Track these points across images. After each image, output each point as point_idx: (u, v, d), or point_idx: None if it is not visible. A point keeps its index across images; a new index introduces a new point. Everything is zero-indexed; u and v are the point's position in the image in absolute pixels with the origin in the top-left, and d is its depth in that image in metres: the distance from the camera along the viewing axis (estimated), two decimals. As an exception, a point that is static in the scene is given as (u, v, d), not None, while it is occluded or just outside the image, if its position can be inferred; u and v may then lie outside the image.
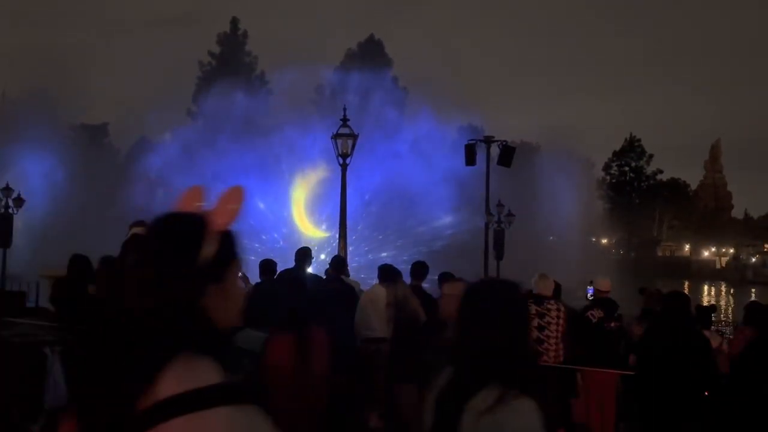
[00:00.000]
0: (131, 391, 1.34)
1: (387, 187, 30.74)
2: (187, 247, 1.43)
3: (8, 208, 24.30)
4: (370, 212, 30.64)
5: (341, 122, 16.76)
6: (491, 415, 2.06)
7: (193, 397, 1.32)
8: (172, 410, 1.31)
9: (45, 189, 30.35)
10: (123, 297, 1.43)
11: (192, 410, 1.31)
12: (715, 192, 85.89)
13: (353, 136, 16.55)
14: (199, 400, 1.32)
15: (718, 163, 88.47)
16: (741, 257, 78.53)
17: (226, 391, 1.36)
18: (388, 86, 39.74)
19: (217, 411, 1.32)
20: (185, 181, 30.36)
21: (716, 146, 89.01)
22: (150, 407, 1.32)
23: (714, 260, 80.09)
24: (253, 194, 30.30)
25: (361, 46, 54.57)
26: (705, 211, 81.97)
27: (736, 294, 51.73)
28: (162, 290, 1.39)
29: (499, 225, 25.91)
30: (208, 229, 1.45)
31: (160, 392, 1.33)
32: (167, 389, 1.33)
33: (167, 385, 1.33)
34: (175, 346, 1.37)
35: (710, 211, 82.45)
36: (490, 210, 24.67)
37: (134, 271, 1.44)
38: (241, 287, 1.54)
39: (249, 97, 34.60)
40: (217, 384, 1.36)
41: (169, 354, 1.36)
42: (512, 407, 2.06)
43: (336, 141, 16.56)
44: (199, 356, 1.38)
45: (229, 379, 1.39)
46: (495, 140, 22.98)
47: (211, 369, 1.38)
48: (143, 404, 1.33)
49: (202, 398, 1.33)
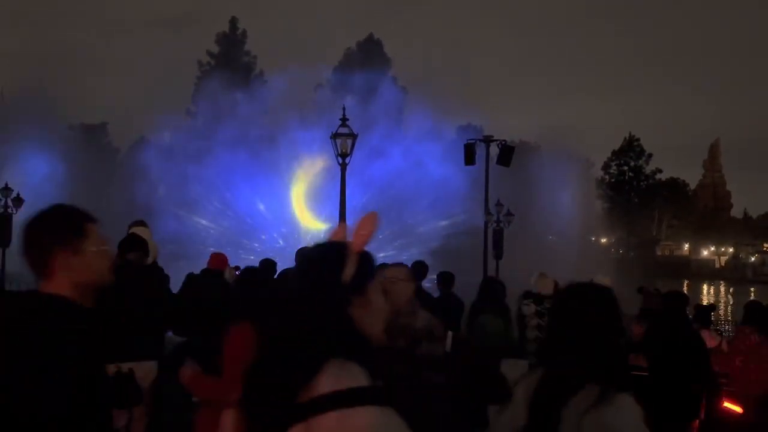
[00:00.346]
0: (293, 387, 1.62)
1: (386, 187, 30.73)
2: (332, 268, 1.73)
3: (7, 207, 24.30)
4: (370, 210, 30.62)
5: (340, 122, 16.77)
6: (595, 414, 2.11)
7: (344, 396, 1.59)
8: (326, 405, 1.58)
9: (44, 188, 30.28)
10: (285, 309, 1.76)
11: (343, 406, 1.58)
12: (715, 191, 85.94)
13: (352, 135, 16.56)
14: (349, 398, 1.59)
15: (718, 162, 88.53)
16: (740, 256, 78.59)
17: (372, 392, 1.62)
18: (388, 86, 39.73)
19: (365, 409, 1.59)
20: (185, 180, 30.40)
21: (715, 146, 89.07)
22: (308, 401, 1.60)
23: (713, 259, 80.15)
24: (252, 194, 30.33)
25: (361, 46, 54.55)
26: (704, 210, 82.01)
27: (736, 293, 51.76)
28: (316, 304, 1.69)
29: (498, 224, 25.89)
30: (348, 252, 1.75)
31: (317, 390, 1.60)
32: (323, 387, 1.60)
33: (323, 384, 1.61)
34: (329, 351, 1.65)
35: (709, 210, 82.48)
36: (490, 209, 24.66)
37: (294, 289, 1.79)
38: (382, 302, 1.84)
39: (248, 96, 34.56)
40: (365, 386, 1.62)
41: (325, 358, 1.64)
42: (616, 405, 2.12)
43: (335, 141, 16.57)
44: (349, 361, 1.65)
45: (374, 382, 1.65)
46: (494, 140, 22.98)
47: (360, 373, 1.64)
48: (302, 398, 1.61)
49: (353, 397, 1.59)
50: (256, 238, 28.70)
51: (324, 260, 1.78)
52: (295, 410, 1.60)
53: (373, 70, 39.58)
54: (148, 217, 8.99)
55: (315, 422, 1.58)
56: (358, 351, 1.68)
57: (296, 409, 1.60)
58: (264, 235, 29.48)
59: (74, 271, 2.05)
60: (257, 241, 28.50)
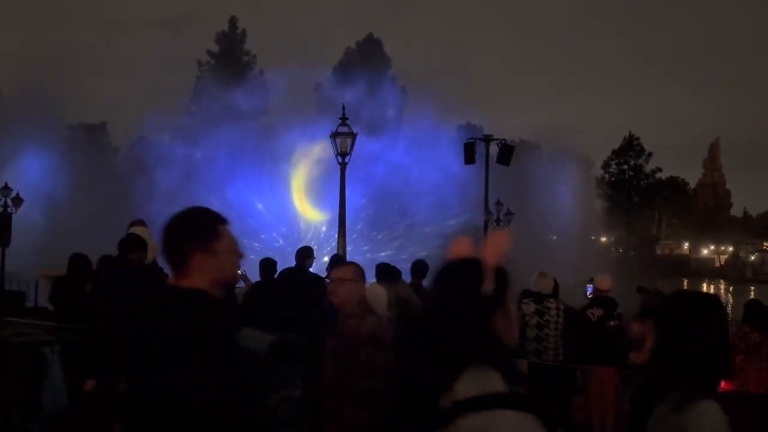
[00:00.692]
0: (435, 391, 1.74)
1: (386, 186, 30.74)
2: (475, 282, 1.83)
3: (7, 207, 24.29)
4: (369, 211, 30.64)
5: (340, 121, 16.75)
6: (678, 416, 2.18)
7: (484, 399, 1.68)
8: (467, 408, 1.67)
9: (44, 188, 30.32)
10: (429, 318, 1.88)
11: (483, 410, 1.67)
12: (714, 190, 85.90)
13: (352, 134, 16.54)
14: (489, 402, 1.68)
15: (717, 161, 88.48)
16: (740, 255, 78.56)
17: (512, 397, 1.71)
18: (387, 85, 39.72)
19: (504, 413, 1.67)
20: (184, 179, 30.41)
21: (715, 145, 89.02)
22: (449, 405, 1.70)
23: (713, 258, 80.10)
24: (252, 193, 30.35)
25: (360, 45, 54.50)
26: (704, 209, 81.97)
27: (735, 292, 51.76)
28: (458, 315, 1.80)
29: (498, 223, 25.90)
30: (484, 267, 1.85)
31: (458, 394, 1.70)
32: (464, 391, 1.70)
33: (463, 388, 1.71)
34: (469, 358, 1.75)
35: (709, 209, 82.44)
36: (489, 209, 24.66)
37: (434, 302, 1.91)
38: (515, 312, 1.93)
39: (247, 96, 34.55)
40: (504, 391, 1.71)
41: (465, 364, 1.74)
42: (700, 410, 2.17)
43: (335, 140, 16.56)
44: (488, 367, 1.74)
45: (513, 388, 1.73)
46: (494, 139, 22.96)
47: (498, 378, 1.73)
48: (444, 402, 1.71)
49: (492, 401, 1.68)
50: (255, 237, 28.69)
51: (466, 274, 1.87)
52: (439, 414, 1.71)
53: (373, 69, 39.55)
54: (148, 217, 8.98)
55: (457, 425, 1.68)
56: (497, 358, 1.79)
57: (440, 412, 1.71)
58: (264, 234, 29.49)
59: (208, 270, 2.23)
60: (257, 240, 28.49)
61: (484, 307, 1.81)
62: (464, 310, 1.81)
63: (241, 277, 9.28)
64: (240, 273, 9.24)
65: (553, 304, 7.28)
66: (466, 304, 1.81)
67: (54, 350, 5.25)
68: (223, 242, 2.28)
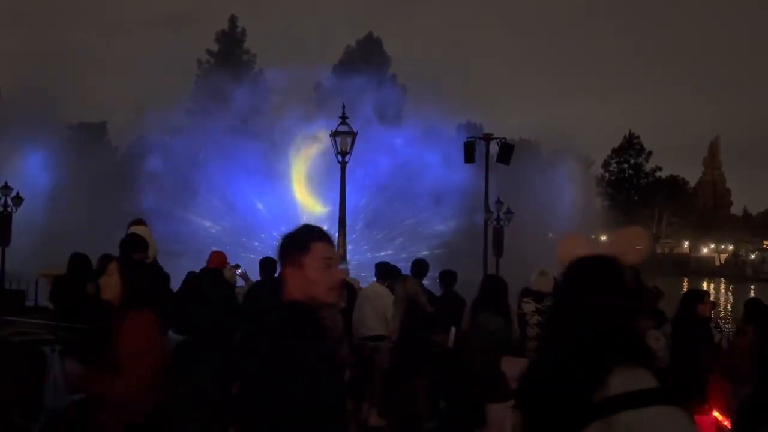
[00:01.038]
0: (588, 388, 1.80)
1: (386, 185, 30.72)
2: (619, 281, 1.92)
3: (7, 206, 24.29)
4: (369, 210, 30.64)
5: (340, 120, 16.75)
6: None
7: (638, 396, 1.76)
8: (622, 404, 1.76)
9: (44, 187, 30.33)
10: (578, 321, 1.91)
11: (638, 406, 1.75)
12: (714, 189, 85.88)
13: (352, 133, 16.55)
14: (643, 398, 1.76)
15: (717, 160, 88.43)
16: (740, 254, 78.52)
17: (664, 393, 1.79)
18: (387, 84, 39.70)
19: (658, 408, 1.75)
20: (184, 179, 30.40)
21: (715, 143, 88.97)
22: (602, 401, 1.78)
23: (713, 257, 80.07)
24: (252, 193, 30.34)
25: (360, 44, 54.49)
26: (704, 208, 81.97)
27: (735, 291, 51.77)
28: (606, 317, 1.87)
29: (498, 222, 25.88)
30: (624, 269, 1.94)
31: (610, 390, 1.78)
32: (616, 388, 1.78)
33: (615, 385, 1.79)
34: (617, 356, 1.83)
35: (709, 208, 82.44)
36: (489, 207, 24.64)
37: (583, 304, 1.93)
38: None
39: (247, 95, 34.54)
40: (655, 387, 1.79)
41: (614, 362, 1.81)
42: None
43: (335, 139, 16.56)
44: (636, 366, 1.82)
45: (662, 384, 1.81)
46: (494, 138, 22.95)
47: (648, 376, 1.81)
48: (596, 399, 1.79)
49: (646, 397, 1.76)
50: (255, 236, 28.69)
51: (610, 273, 1.94)
52: (593, 409, 1.79)
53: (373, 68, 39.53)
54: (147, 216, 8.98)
55: (614, 420, 1.76)
56: (642, 356, 1.88)
57: (594, 408, 1.79)
58: (264, 233, 29.48)
59: (298, 282, 2.36)
60: (257, 239, 28.49)
61: (635, 306, 1.90)
62: (618, 309, 1.88)
63: (241, 276, 9.29)
64: (240, 272, 9.26)
65: (554, 302, 7.27)
66: (618, 302, 1.88)
67: (54, 349, 5.24)
68: (311, 257, 2.37)
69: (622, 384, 1.78)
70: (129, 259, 5.72)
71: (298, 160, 31.46)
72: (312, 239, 2.40)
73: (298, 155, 31.45)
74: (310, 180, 30.92)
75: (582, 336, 1.88)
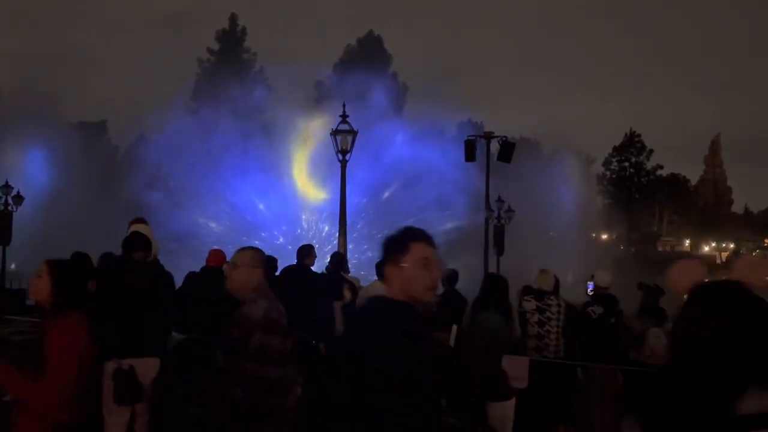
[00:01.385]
0: (719, 407, 1.86)
1: (386, 184, 30.70)
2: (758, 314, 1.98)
3: (8, 205, 24.30)
4: (370, 209, 30.62)
5: (340, 118, 16.74)
6: None
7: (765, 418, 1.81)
8: (749, 425, 1.82)
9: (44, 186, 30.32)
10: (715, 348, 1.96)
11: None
12: (715, 187, 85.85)
13: (353, 132, 16.53)
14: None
15: (718, 158, 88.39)
16: (741, 252, 78.52)
17: None
18: (388, 82, 39.66)
19: None
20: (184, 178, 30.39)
21: (716, 141, 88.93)
22: (731, 420, 1.83)
23: (714, 255, 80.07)
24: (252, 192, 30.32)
25: (361, 42, 54.48)
26: (705, 206, 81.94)
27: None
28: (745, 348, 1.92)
29: (499, 221, 25.90)
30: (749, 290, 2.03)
31: (741, 410, 1.84)
32: (745, 409, 1.84)
33: (745, 405, 1.84)
34: (748, 378, 1.88)
35: (710, 206, 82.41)
36: (490, 206, 24.65)
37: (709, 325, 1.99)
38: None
39: (248, 93, 34.51)
40: None
41: (745, 383, 1.87)
42: None
43: (335, 137, 16.55)
44: (763, 387, 1.87)
45: None
46: (495, 136, 22.95)
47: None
48: (725, 418, 1.84)
49: None
50: (256, 235, 28.66)
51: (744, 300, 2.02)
52: (723, 428, 1.85)
53: (374, 66, 39.50)
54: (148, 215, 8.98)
55: None
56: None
57: (724, 427, 1.85)
58: (264, 232, 29.47)
59: (398, 281, 2.48)
60: (257, 238, 28.45)
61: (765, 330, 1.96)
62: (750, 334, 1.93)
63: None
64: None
65: (554, 301, 7.27)
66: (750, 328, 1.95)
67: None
68: (410, 256, 2.47)
69: (751, 406, 1.85)
70: (129, 258, 5.72)
71: (299, 159, 31.43)
72: (411, 239, 2.52)
73: (299, 154, 31.42)
74: (311, 179, 30.88)
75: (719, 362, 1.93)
